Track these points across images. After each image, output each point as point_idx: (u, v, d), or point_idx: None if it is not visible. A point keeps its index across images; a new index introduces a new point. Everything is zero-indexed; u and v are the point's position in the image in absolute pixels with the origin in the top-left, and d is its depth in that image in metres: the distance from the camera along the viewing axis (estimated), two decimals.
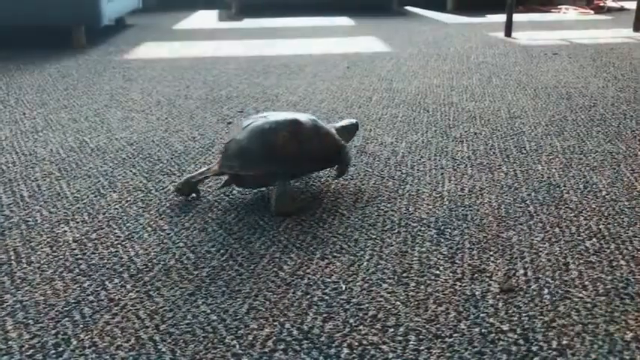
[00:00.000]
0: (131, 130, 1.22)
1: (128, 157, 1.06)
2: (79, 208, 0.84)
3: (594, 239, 0.72)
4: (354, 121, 0.96)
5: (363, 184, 0.91)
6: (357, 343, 0.54)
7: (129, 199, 0.87)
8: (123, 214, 0.82)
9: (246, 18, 3.67)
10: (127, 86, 1.66)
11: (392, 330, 0.55)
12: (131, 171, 0.99)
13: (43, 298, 0.61)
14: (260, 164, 0.80)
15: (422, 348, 0.53)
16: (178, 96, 1.53)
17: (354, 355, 0.52)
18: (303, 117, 0.85)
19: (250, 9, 4.17)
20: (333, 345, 0.53)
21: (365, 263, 0.68)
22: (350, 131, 0.95)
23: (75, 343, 0.54)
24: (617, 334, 0.54)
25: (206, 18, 3.73)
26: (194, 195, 0.87)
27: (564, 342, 0.53)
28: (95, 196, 0.88)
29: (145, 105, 1.44)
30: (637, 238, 0.72)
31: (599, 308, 0.58)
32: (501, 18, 3.35)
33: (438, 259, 0.68)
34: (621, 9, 3.82)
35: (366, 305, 0.59)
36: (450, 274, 0.65)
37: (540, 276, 0.64)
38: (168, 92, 1.58)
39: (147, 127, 1.25)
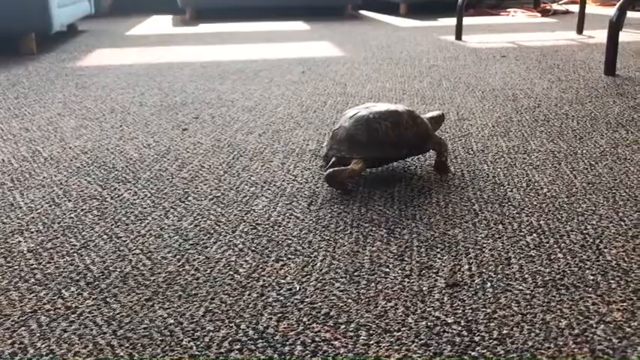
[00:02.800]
0: (85, 138, 1.22)
1: (82, 165, 1.06)
2: (33, 218, 0.84)
3: (535, 234, 0.76)
4: (440, 112, 1.09)
5: (317, 187, 0.94)
6: (310, 340, 0.56)
7: (84, 207, 0.87)
8: (78, 222, 0.82)
9: (201, 23, 3.66)
10: (80, 94, 1.64)
11: (343, 326, 0.58)
12: (86, 179, 0.99)
13: None
14: (364, 149, 0.92)
15: (372, 342, 0.55)
16: (133, 103, 1.53)
17: (307, 351, 0.54)
18: (401, 108, 0.96)
19: (205, 14, 4.16)
20: (287, 343, 0.56)
21: (318, 264, 0.70)
22: (437, 121, 1.07)
23: (32, 351, 0.55)
24: (553, 322, 0.58)
25: (160, 23, 3.70)
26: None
27: (504, 331, 0.57)
28: (50, 206, 0.88)
29: (98, 113, 1.43)
30: (574, 233, 0.77)
31: (537, 299, 0.62)
32: (452, 21, 3.43)
33: (388, 257, 0.71)
34: (566, 12, 3.96)
35: (319, 304, 0.62)
36: (399, 272, 0.68)
37: (484, 270, 0.68)
38: (123, 99, 1.57)
39: (101, 135, 1.24)
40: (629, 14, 3.68)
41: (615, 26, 1.75)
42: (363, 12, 4.29)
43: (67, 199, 0.91)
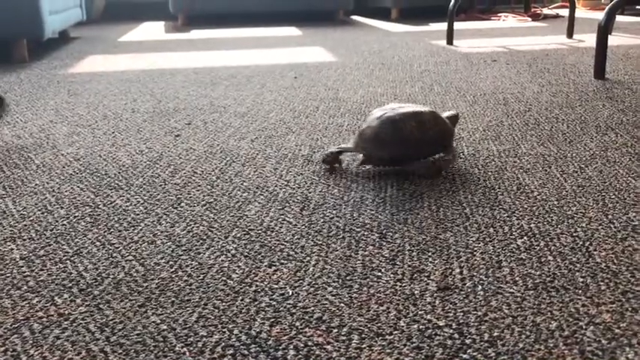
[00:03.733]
0: (77, 145, 1.22)
1: (75, 172, 1.06)
2: (25, 225, 0.84)
3: (525, 238, 0.77)
4: (455, 112, 1.12)
5: (309, 192, 0.94)
6: (302, 345, 0.56)
7: (76, 214, 0.87)
8: (71, 229, 0.82)
9: (193, 29, 3.67)
10: (73, 101, 1.64)
11: (336, 330, 0.58)
12: (78, 186, 0.99)
13: None
14: (390, 147, 0.98)
15: (364, 346, 0.56)
16: (125, 109, 1.53)
17: (299, 355, 0.55)
18: (425, 109, 1.02)
19: (197, 20, 4.17)
20: (280, 347, 0.56)
21: (311, 268, 0.70)
22: (453, 121, 1.10)
23: (25, 358, 0.55)
24: (543, 324, 0.58)
25: (152, 30, 3.70)
26: (337, 165, 1.05)
27: (495, 334, 0.57)
28: (42, 213, 0.88)
29: (91, 119, 1.43)
30: (564, 236, 0.77)
31: (527, 301, 0.62)
32: (444, 26, 3.45)
33: (380, 261, 0.72)
34: (556, 16, 3.99)
35: (312, 308, 0.62)
36: (391, 275, 0.68)
37: (475, 274, 0.68)
38: (115, 106, 1.57)
39: (93, 141, 1.24)
40: (619, 18, 3.72)
41: (604, 30, 1.76)
42: (354, 17, 4.30)
43: (60, 206, 0.91)
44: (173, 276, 0.69)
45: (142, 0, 4.46)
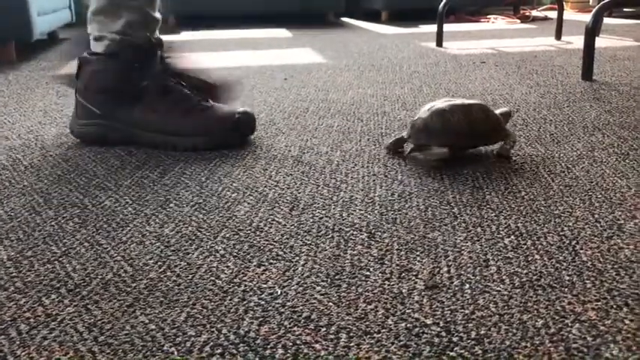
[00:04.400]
0: (66, 146, 1.22)
1: (64, 173, 1.05)
2: (13, 226, 0.84)
3: (512, 237, 0.78)
4: (508, 109, 1.18)
5: (299, 193, 0.94)
6: (291, 344, 0.56)
7: (65, 215, 0.87)
8: (59, 230, 0.82)
9: (183, 30, 3.66)
10: (62, 102, 1.64)
11: (324, 329, 0.58)
12: (67, 187, 0.98)
13: None
14: (439, 137, 1.04)
15: (352, 344, 0.56)
16: None
17: (288, 354, 0.55)
18: (474, 102, 1.09)
19: (187, 21, 4.16)
20: (269, 346, 0.56)
21: (300, 268, 0.71)
22: (506, 117, 1.16)
23: (12, 359, 0.55)
24: (530, 322, 0.59)
25: None
26: (400, 149, 1.13)
27: (482, 332, 0.57)
28: (30, 214, 0.88)
29: None
30: (551, 235, 0.78)
31: (514, 300, 0.63)
32: (433, 28, 3.46)
33: (369, 260, 0.72)
34: (545, 18, 4.02)
35: (300, 307, 0.62)
36: (380, 275, 0.69)
37: (462, 272, 0.69)
38: None
39: (82, 142, 1.24)
40: (606, 20, 3.75)
41: (591, 32, 1.78)
42: (344, 19, 4.31)
43: (48, 207, 0.90)
44: (162, 276, 0.69)
45: None
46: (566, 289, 0.65)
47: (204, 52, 2.66)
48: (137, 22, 1.19)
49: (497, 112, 1.14)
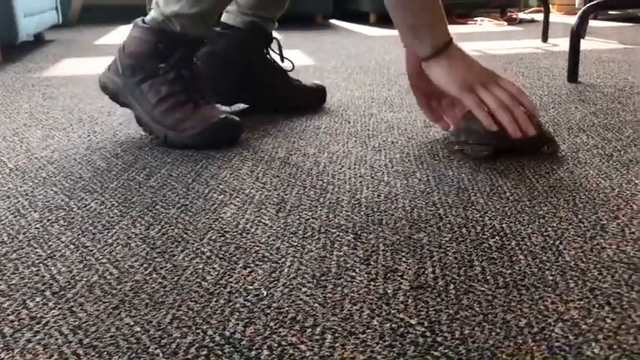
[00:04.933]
0: (52, 148, 1.21)
1: (49, 175, 1.05)
2: None
3: (497, 237, 0.78)
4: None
5: (286, 195, 0.95)
6: (276, 345, 0.57)
7: (50, 217, 0.87)
8: (44, 233, 0.82)
9: None
10: (48, 104, 1.63)
11: (310, 330, 0.59)
12: (52, 190, 0.98)
13: None
14: (482, 138, 1.09)
15: (337, 345, 0.56)
16: (101, 113, 1.52)
17: (273, 355, 0.55)
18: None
19: None
20: (254, 348, 0.56)
21: (286, 269, 0.71)
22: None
23: None
24: (513, 321, 0.60)
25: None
26: (464, 148, 1.14)
27: (466, 331, 0.58)
28: (15, 217, 0.87)
29: (66, 123, 1.42)
30: (535, 235, 0.79)
31: (498, 299, 0.64)
32: None
33: (355, 261, 0.72)
34: (532, 21, 4.05)
35: (286, 309, 0.63)
36: (365, 275, 0.69)
37: (447, 273, 0.69)
38: (91, 109, 1.56)
39: (68, 145, 1.23)
40: (592, 23, 3.78)
41: (576, 34, 1.80)
42: (333, 21, 4.32)
43: (33, 209, 0.90)
44: (147, 278, 0.69)
45: (119, 3, 4.43)
46: (549, 289, 0.65)
47: None
48: (191, 15, 1.23)
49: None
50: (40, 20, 2.76)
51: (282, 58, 1.51)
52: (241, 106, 1.55)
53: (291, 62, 1.54)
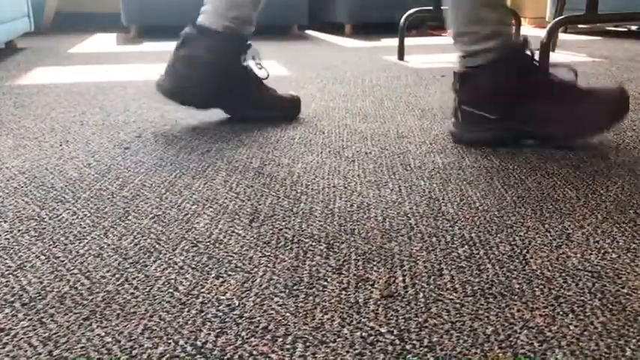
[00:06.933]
0: (23, 158, 1.20)
1: (20, 185, 1.04)
2: None
3: (466, 246, 0.80)
4: None
5: (259, 204, 0.95)
6: (247, 354, 0.57)
7: (21, 228, 0.86)
8: (14, 243, 0.81)
9: (146, 41, 3.64)
10: (19, 113, 1.61)
11: (281, 339, 0.59)
12: (23, 200, 0.97)
13: None
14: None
15: (308, 354, 0.57)
16: (74, 122, 1.51)
17: None
18: None
19: (150, 32, 4.13)
20: (225, 357, 0.57)
21: (258, 279, 0.71)
22: None
23: None
24: (480, 329, 0.61)
25: (104, 41, 3.66)
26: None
27: (435, 339, 0.59)
28: None
29: (38, 132, 1.41)
30: (503, 244, 0.80)
31: (466, 307, 0.65)
32: (396, 42, 3.52)
33: (327, 271, 0.73)
34: None
35: (258, 318, 0.63)
36: (337, 284, 0.70)
37: (417, 282, 0.70)
38: (63, 118, 1.55)
39: (40, 154, 1.22)
40: (562, 36, 3.87)
41: (546, 47, 1.84)
42: (309, 32, 4.35)
43: (3, 220, 0.89)
44: (119, 289, 0.69)
45: (94, 11, 4.39)
46: (515, 297, 0.67)
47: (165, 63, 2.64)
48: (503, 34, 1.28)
49: None
50: (11, 28, 2.73)
51: (260, 66, 1.51)
52: (216, 116, 1.56)
53: (266, 71, 1.55)
